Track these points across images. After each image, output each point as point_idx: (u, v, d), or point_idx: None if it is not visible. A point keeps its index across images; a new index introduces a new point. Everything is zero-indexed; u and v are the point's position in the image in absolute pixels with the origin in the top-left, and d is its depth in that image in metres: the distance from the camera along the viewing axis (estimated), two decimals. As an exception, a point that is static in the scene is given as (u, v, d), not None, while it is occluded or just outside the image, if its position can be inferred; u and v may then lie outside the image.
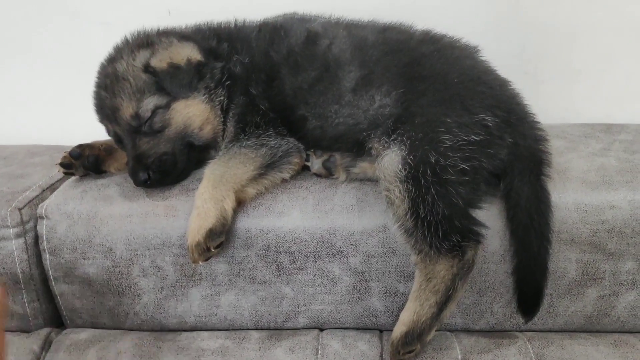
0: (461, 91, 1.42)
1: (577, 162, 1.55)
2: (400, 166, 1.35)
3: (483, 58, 1.54)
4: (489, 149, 1.38)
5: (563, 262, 1.45)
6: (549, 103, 1.92)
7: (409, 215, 1.34)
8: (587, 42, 1.92)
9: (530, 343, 1.46)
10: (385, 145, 1.41)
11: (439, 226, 1.32)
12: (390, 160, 1.37)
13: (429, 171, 1.32)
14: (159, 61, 1.48)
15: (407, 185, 1.34)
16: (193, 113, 1.52)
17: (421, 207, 1.32)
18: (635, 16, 1.88)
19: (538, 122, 1.48)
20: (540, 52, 1.93)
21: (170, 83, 1.48)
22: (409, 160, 1.34)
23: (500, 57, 1.55)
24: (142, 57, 1.50)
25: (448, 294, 1.35)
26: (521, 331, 1.53)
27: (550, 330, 1.53)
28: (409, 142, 1.36)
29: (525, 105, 1.48)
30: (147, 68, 1.48)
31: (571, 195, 1.44)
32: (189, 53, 1.51)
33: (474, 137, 1.36)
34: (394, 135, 1.40)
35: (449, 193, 1.32)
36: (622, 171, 1.50)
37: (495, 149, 1.39)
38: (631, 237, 1.43)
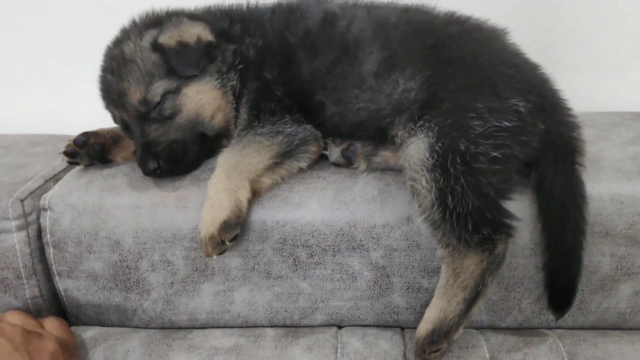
0: (491, 75, 1.34)
1: (609, 151, 1.48)
2: (427, 154, 1.27)
3: (511, 41, 1.47)
4: (522, 135, 1.30)
5: (596, 255, 1.38)
6: (574, 91, 1.84)
7: (436, 206, 1.26)
8: (613, 28, 1.86)
9: (562, 341, 1.39)
10: (411, 133, 1.33)
11: (468, 218, 1.24)
12: (416, 148, 1.30)
13: (458, 159, 1.25)
14: (168, 38, 1.41)
15: (434, 175, 1.26)
16: (205, 100, 1.45)
17: (450, 197, 1.25)
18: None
19: (570, 109, 1.40)
20: (567, 39, 1.86)
21: (177, 61, 1.40)
22: (436, 147, 1.26)
23: (525, 43, 1.48)
24: (150, 36, 1.43)
25: (477, 290, 1.27)
26: (550, 328, 1.46)
27: (580, 328, 1.46)
28: (437, 128, 1.28)
29: (557, 90, 1.41)
30: (155, 46, 1.41)
31: (606, 186, 1.37)
32: (199, 32, 1.44)
33: (506, 123, 1.28)
34: (421, 122, 1.32)
35: (479, 183, 1.25)
36: (659, 160, 1.42)
37: (527, 136, 1.31)
38: (669, 230, 1.36)
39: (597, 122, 1.67)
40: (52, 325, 1.36)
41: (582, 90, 1.88)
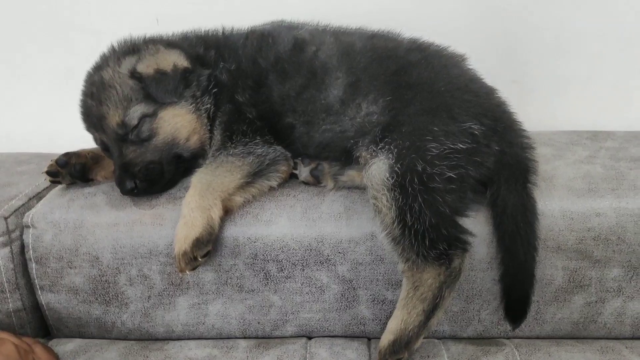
0: (448, 100, 1.42)
1: (563, 170, 1.56)
2: (387, 174, 1.35)
3: (470, 66, 1.55)
4: (476, 157, 1.38)
5: (550, 269, 1.46)
6: (536, 111, 1.93)
7: (396, 223, 1.34)
8: (573, 50, 1.94)
9: (518, 350, 1.47)
10: (373, 154, 1.41)
11: (426, 234, 1.32)
12: (377, 169, 1.37)
13: (416, 179, 1.32)
14: (146, 67, 1.48)
15: (394, 194, 1.34)
16: (181, 124, 1.51)
17: (408, 215, 1.32)
18: (619, 24, 1.90)
19: (524, 130, 1.48)
20: (527, 61, 1.94)
21: (156, 89, 1.47)
22: (396, 168, 1.34)
23: (488, 65, 1.56)
24: (128, 63, 1.49)
25: (435, 302, 1.35)
26: (508, 338, 1.54)
27: (537, 337, 1.54)
28: (396, 150, 1.36)
29: (512, 113, 1.49)
30: (134, 74, 1.47)
31: (557, 203, 1.45)
32: (175, 59, 1.51)
33: (461, 146, 1.36)
34: (382, 144, 1.40)
35: (435, 201, 1.33)
36: (608, 178, 1.51)
37: (482, 157, 1.39)
38: (617, 245, 1.44)
39: (555, 141, 1.75)
40: (41, 352, 1.39)
41: (543, 110, 1.98)
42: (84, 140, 1.61)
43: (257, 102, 1.55)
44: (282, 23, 1.68)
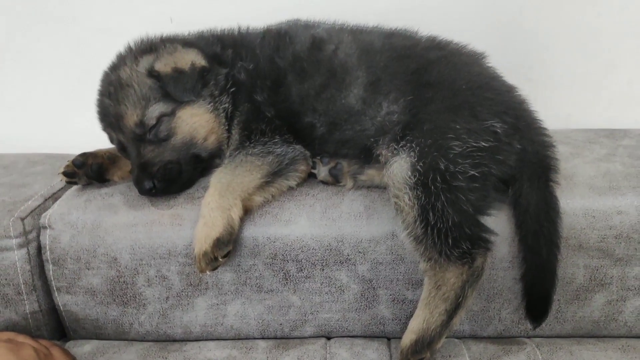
0: (469, 98, 1.42)
1: (583, 168, 1.55)
2: (409, 173, 1.34)
3: (489, 64, 1.54)
4: (498, 155, 1.37)
5: (571, 267, 1.46)
6: (551, 108, 1.92)
7: (418, 222, 1.33)
8: (589, 48, 1.93)
9: (539, 349, 1.46)
10: (394, 152, 1.40)
11: (448, 233, 1.31)
12: (399, 167, 1.37)
13: (438, 178, 1.32)
14: (164, 65, 1.47)
15: (416, 192, 1.33)
16: (199, 123, 1.50)
17: (431, 214, 1.31)
18: (635, 22, 1.90)
19: (545, 128, 1.48)
20: (543, 59, 1.94)
21: (174, 87, 1.46)
22: (418, 167, 1.33)
23: (504, 63, 1.55)
24: (146, 62, 1.49)
25: (458, 301, 1.34)
26: (529, 337, 1.53)
27: (558, 336, 1.53)
28: (418, 148, 1.35)
29: (532, 111, 1.49)
30: (151, 72, 1.47)
31: (579, 201, 1.45)
32: (193, 58, 1.50)
33: (483, 144, 1.35)
34: (403, 142, 1.39)
35: (458, 200, 1.32)
36: (629, 176, 1.50)
37: (504, 155, 1.38)
38: (638, 243, 1.43)
39: (572, 139, 1.74)
40: (59, 355, 1.38)
41: (559, 108, 1.97)
42: (98, 140, 1.60)
43: (276, 101, 1.54)
44: (298, 22, 1.66)
